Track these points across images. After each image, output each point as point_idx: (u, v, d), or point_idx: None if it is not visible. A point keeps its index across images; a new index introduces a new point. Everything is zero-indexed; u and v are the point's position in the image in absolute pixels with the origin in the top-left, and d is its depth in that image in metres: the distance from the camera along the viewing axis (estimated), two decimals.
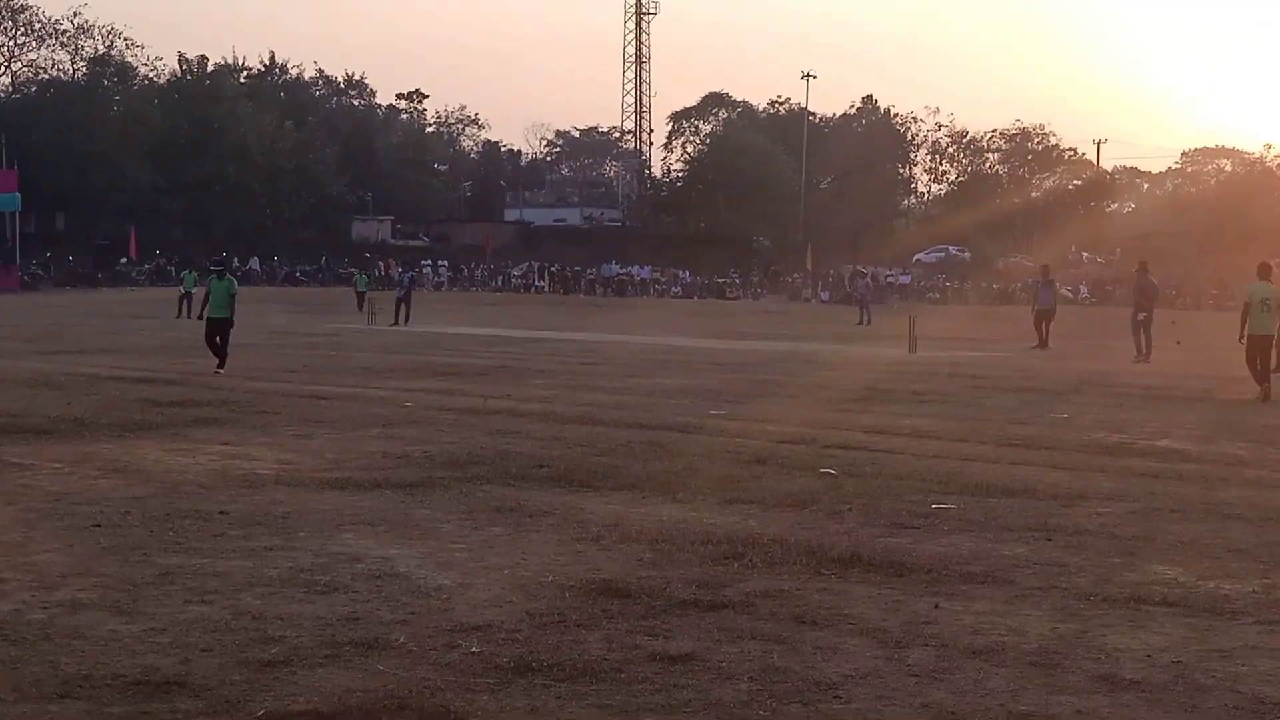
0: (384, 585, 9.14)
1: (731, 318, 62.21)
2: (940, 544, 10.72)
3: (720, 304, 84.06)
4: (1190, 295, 79.11)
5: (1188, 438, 17.97)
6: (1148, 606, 8.83)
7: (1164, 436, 18.04)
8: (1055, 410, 21.26)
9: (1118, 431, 18.49)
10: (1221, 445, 17.28)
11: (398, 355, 32.34)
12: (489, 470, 14.15)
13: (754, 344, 40.68)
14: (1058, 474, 14.51)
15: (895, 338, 38.37)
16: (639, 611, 8.52)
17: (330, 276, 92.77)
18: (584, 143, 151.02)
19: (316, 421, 18.34)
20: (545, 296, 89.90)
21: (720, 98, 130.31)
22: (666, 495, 12.78)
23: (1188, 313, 64.73)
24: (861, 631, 8.16)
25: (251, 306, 59.03)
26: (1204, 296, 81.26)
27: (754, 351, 36.82)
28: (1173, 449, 16.84)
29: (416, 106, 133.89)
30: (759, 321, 58.37)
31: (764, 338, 44.57)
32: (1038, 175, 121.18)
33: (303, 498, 12.45)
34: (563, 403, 21.37)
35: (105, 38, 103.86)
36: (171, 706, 6.69)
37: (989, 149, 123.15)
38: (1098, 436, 17.97)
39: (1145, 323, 33.41)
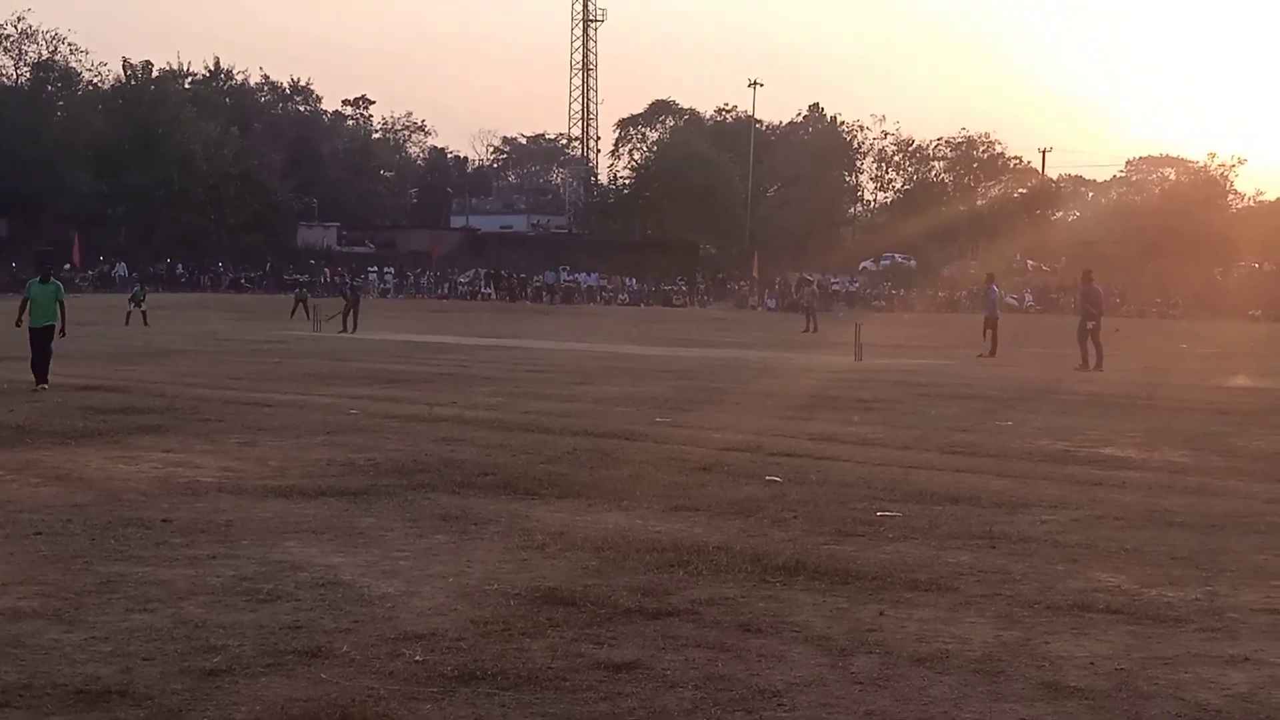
0: (327, 594, 9.11)
1: (678, 325, 62.30)
2: (885, 551, 10.74)
3: (667, 311, 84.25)
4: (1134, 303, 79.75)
5: (1131, 445, 18.07)
6: (1091, 614, 8.87)
7: (1107, 444, 18.13)
8: (999, 418, 21.35)
9: (1061, 439, 18.58)
10: (1164, 453, 17.38)
11: (343, 362, 32.27)
12: (434, 478, 14.12)
13: (700, 351, 40.74)
14: (1002, 481, 14.56)
15: (841, 345, 38.48)
16: (584, 619, 8.51)
17: (275, 283, 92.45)
18: (531, 150, 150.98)
19: (260, 429, 18.27)
20: (491, 304, 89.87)
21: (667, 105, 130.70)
22: (612, 503, 12.77)
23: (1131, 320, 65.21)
24: (806, 639, 8.17)
25: (195, 313, 59.00)
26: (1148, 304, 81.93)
27: (700, 359, 36.87)
28: (1116, 456, 16.92)
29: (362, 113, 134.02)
30: (705, 329, 58.47)
31: (710, 345, 44.64)
32: (983, 183, 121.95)
33: (246, 506, 12.39)
34: (509, 410, 21.36)
35: (49, 43, 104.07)
36: (112, 716, 6.65)
37: (934, 157, 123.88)
38: (1041, 444, 18.06)
39: (1094, 332, 33.54)
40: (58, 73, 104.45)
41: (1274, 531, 11.85)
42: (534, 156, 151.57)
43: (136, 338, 42.21)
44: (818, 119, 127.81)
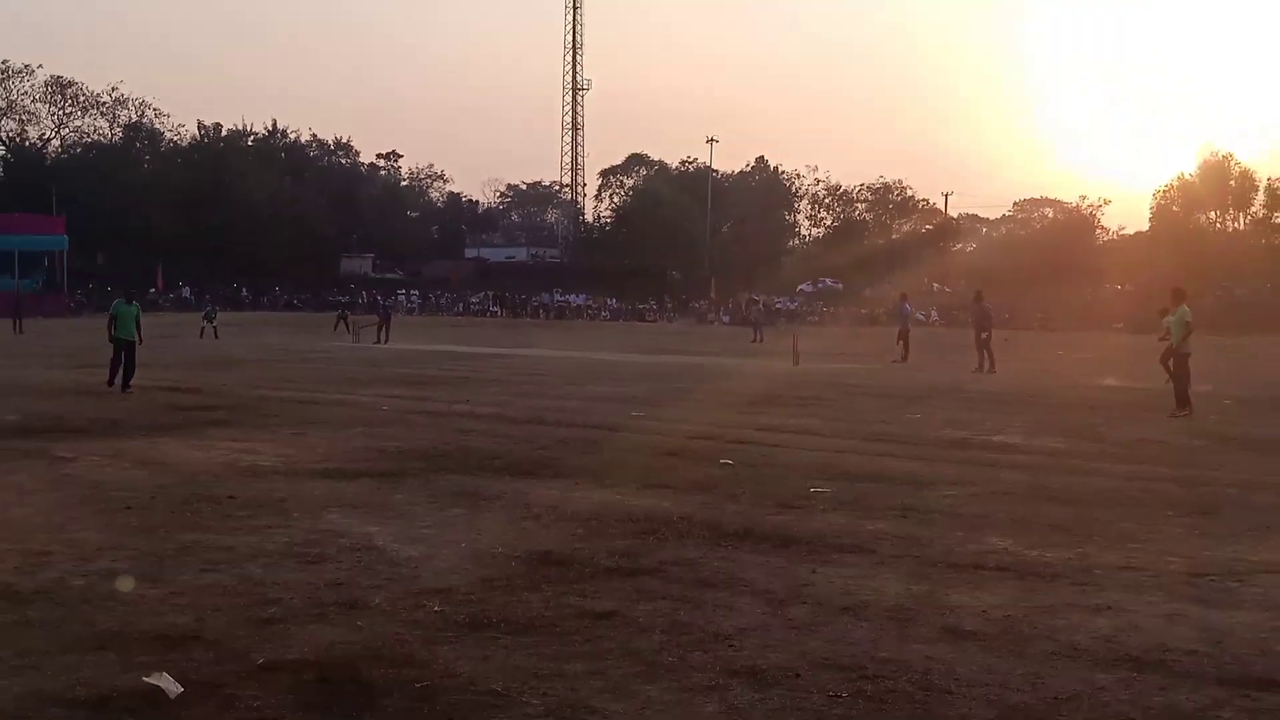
0: (363, 557, 9.09)
1: (650, 337, 62.21)
2: (817, 521, 10.75)
3: (640, 325, 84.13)
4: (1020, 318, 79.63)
5: (1018, 434, 18.10)
6: (984, 571, 8.89)
7: (999, 433, 18.16)
8: (911, 412, 21.37)
9: (962, 429, 18.61)
10: (1045, 440, 17.41)
11: (378, 368, 32.18)
12: (452, 462, 14.11)
13: (668, 358, 40.70)
14: (913, 464, 14.59)
15: (782, 353, 38.46)
16: (572, 577, 8.51)
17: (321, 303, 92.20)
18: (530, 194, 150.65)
19: (309, 422, 18.23)
20: (498, 320, 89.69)
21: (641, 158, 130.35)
22: (596, 482, 12.77)
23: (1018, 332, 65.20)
24: (752, 592, 8.17)
25: (256, 328, 58.82)
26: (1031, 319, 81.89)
27: (668, 364, 36.83)
28: (1006, 443, 16.96)
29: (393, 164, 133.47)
30: (672, 340, 58.39)
31: (676, 353, 44.59)
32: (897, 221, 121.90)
33: (297, 485, 12.37)
34: (513, 407, 21.33)
35: (138, 108, 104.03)
36: (188, 656, 6.64)
37: (858, 199, 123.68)
38: (945, 433, 18.08)
39: (986, 341, 33.58)
40: (144, 133, 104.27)
41: (1134, 504, 11.89)
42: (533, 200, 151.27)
43: (209, 349, 42.04)
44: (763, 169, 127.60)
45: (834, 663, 6.66)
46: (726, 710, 5.93)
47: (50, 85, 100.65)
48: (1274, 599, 8.22)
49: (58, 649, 6.80)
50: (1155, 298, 50.89)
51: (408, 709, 5.91)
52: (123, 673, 6.39)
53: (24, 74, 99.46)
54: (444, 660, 6.62)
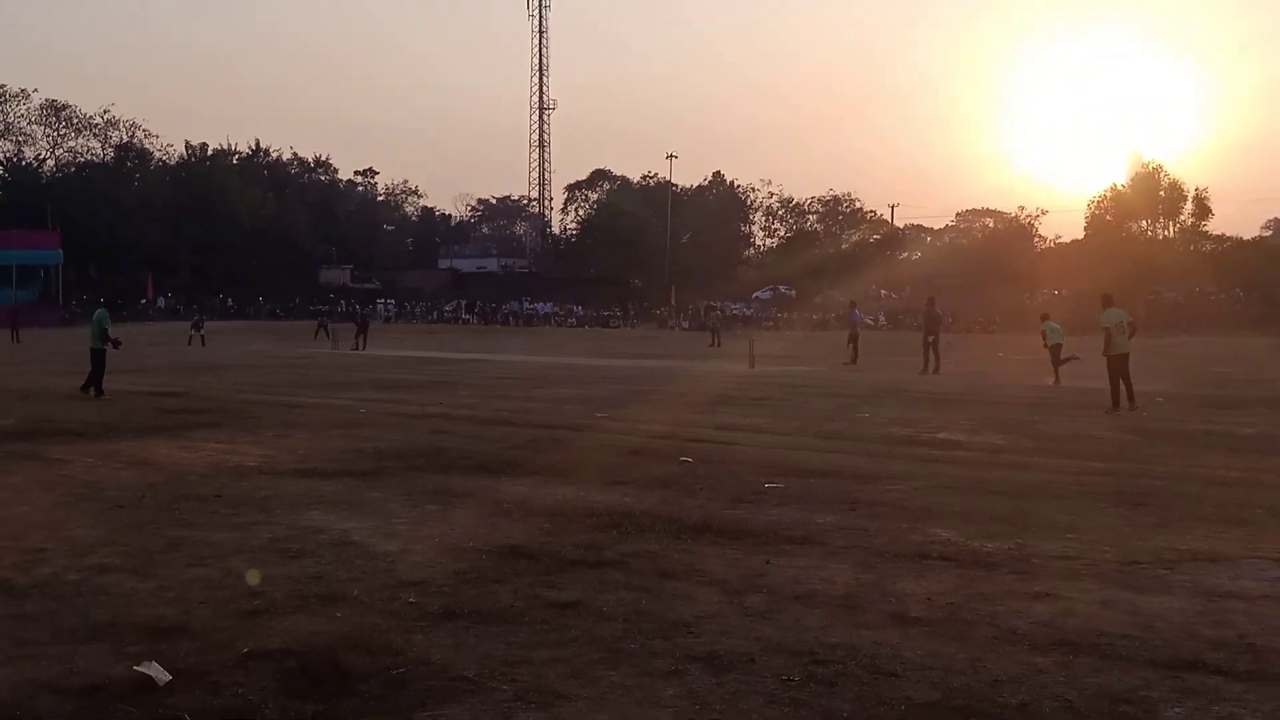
0: (342, 551, 9.06)
1: (613, 342, 62.24)
2: (771, 514, 10.76)
3: (605, 331, 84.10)
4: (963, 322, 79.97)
5: (961, 431, 18.16)
6: (929, 560, 8.92)
7: (943, 430, 18.22)
8: (860, 411, 21.43)
9: (907, 427, 18.67)
10: (986, 437, 17.48)
11: (355, 373, 32.09)
12: (425, 461, 14.07)
13: (631, 362, 40.72)
14: (861, 460, 14.62)
15: (739, 356, 38.54)
16: (540, 569, 8.50)
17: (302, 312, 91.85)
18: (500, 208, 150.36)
19: (291, 424, 18.15)
20: (470, 327, 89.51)
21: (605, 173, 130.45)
22: (562, 479, 12.76)
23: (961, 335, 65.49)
24: (710, 582, 8.18)
25: (240, 336, 58.53)
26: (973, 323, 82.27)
27: (631, 368, 36.86)
28: (949, 440, 17.01)
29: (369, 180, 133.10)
30: (634, 345, 58.43)
31: (638, 357, 44.62)
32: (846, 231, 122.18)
33: (279, 484, 12.31)
34: (483, 409, 21.29)
35: (128, 129, 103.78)
36: (175, 647, 6.60)
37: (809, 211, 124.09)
38: (892, 431, 18.14)
39: (934, 344, 33.72)
40: (135, 152, 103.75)
41: (1070, 497, 11.94)
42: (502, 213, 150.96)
43: (196, 356, 41.82)
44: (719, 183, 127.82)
45: (787, 648, 6.67)
46: (685, 694, 5.93)
47: (45, 108, 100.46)
48: (1201, 585, 8.27)
49: (52, 640, 6.76)
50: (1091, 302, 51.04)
51: (384, 694, 5.90)
52: (114, 662, 6.35)
53: (20, 97, 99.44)
54: (418, 648, 6.60)
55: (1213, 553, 9.32)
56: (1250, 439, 17.58)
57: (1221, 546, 9.55)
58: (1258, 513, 11.10)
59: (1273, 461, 14.97)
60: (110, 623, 7.11)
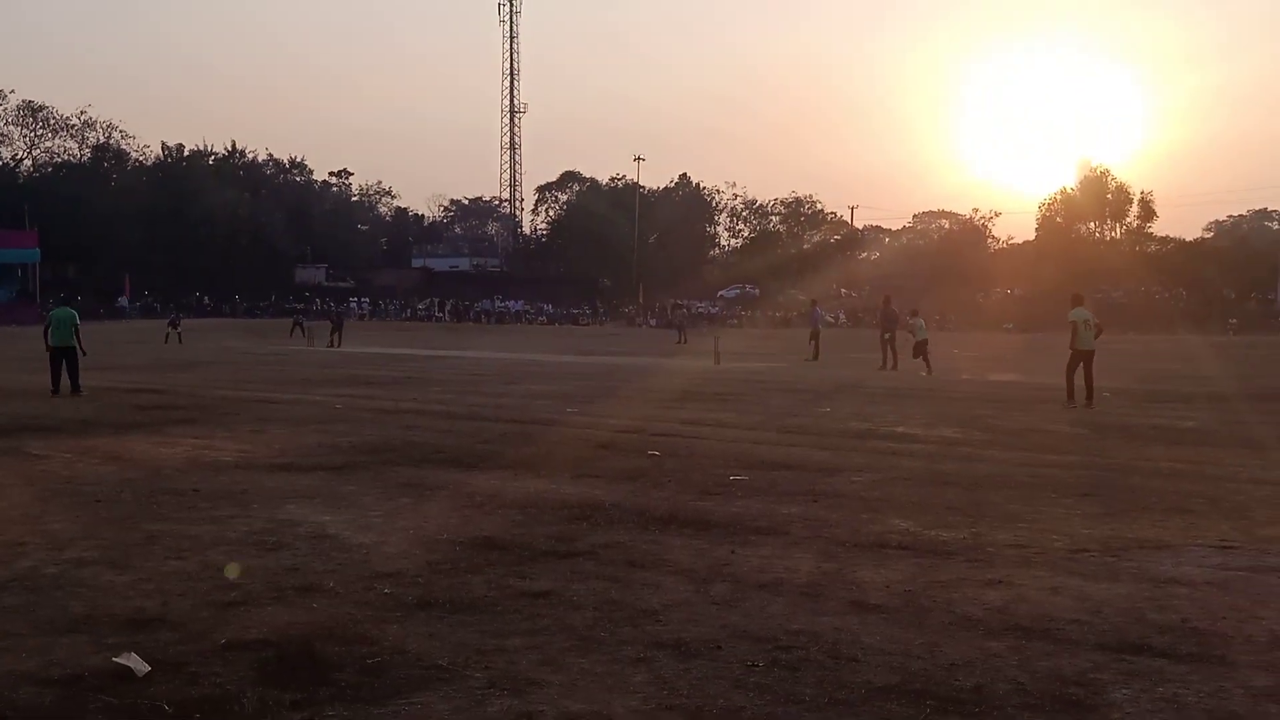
0: (318, 544, 9.03)
1: (583, 339, 62.20)
2: (736, 506, 10.79)
3: (574, 329, 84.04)
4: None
5: (917, 425, 18.24)
6: (887, 550, 8.95)
7: (900, 424, 18.29)
8: (821, 406, 21.49)
9: (866, 421, 18.73)
10: (941, 430, 17.56)
11: (330, 370, 31.97)
12: (399, 455, 14.04)
13: (599, 359, 40.71)
14: (822, 453, 14.67)
15: (704, 353, 38.58)
16: (511, 560, 8.49)
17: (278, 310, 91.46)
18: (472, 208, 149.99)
19: (267, 420, 18.07)
20: (443, 325, 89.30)
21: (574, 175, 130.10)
22: (533, 472, 12.75)
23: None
24: (676, 572, 8.19)
25: (217, 334, 58.21)
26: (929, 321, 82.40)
27: (600, 364, 36.85)
28: (906, 433, 17.08)
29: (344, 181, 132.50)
30: (603, 342, 58.41)
31: (607, 354, 44.61)
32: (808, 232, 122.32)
33: (256, 478, 12.26)
34: (456, 404, 21.26)
35: (105, 130, 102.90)
36: (154, 638, 6.57)
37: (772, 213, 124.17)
38: (851, 425, 18.19)
39: (891, 341, 33.83)
40: (112, 153, 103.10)
41: (1022, 488, 12.01)
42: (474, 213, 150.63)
43: (173, 353, 41.58)
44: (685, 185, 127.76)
45: (751, 634, 6.69)
46: (654, 680, 5.95)
47: (22, 109, 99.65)
48: (1147, 572, 8.34)
49: (32, 632, 6.72)
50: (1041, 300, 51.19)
51: (360, 683, 5.89)
52: (93, 653, 6.32)
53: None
54: (393, 638, 6.59)
55: (1157, 541, 9.39)
56: (1192, 432, 17.73)
57: (1165, 535, 9.63)
58: (1199, 502, 11.20)
59: (1213, 453, 15.10)
60: (89, 615, 7.06)
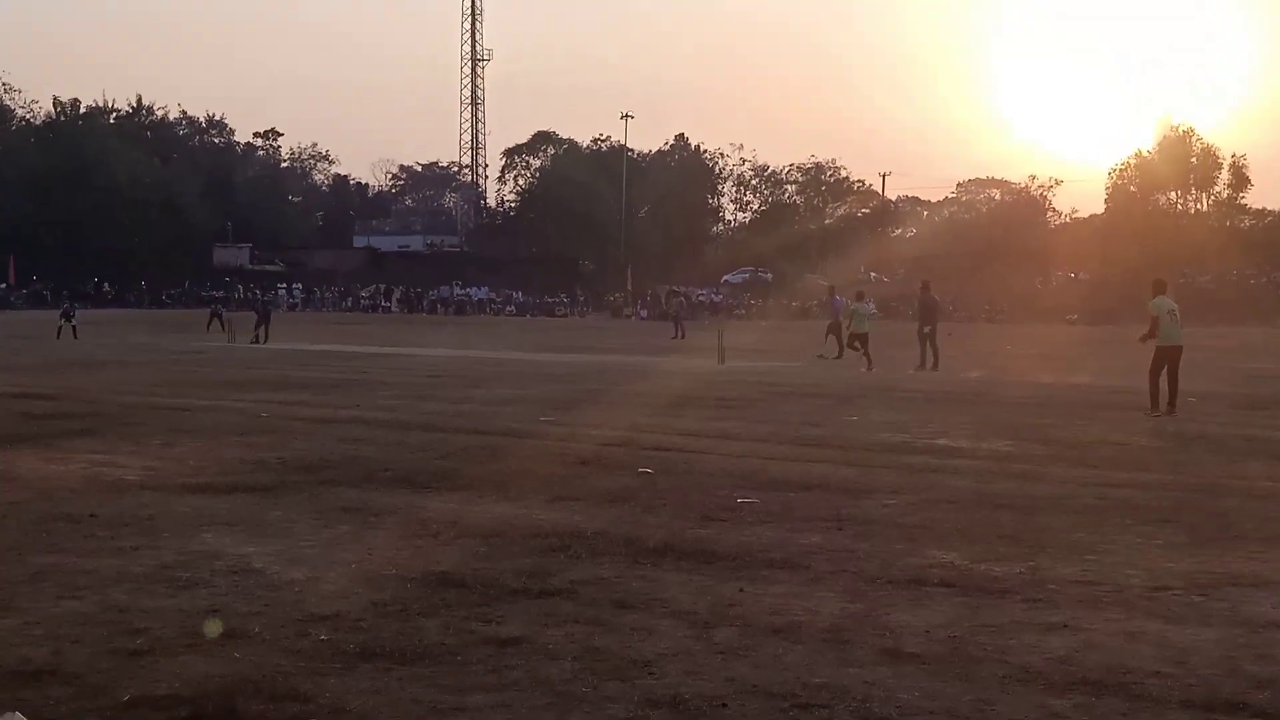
0: (241, 580, 9.00)
1: (560, 333, 62.21)
2: (744, 534, 10.77)
3: (550, 321, 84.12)
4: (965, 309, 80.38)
5: (962, 436, 18.24)
6: (927, 587, 8.94)
7: (942, 435, 18.29)
8: (846, 413, 21.48)
9: (901, 432, 18.72)
10: (991, 442, 17.56)
11: (256, 370, 31.92)
12: (338, 474, 14.01)
13: (580, 357, 40.70)
14: (848, 470, 14.66)
15: (706, 350, 38.57)
16: (474, 600, 8.47)
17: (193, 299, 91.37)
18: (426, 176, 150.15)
19: (180, 431, 18.03)
20: (391, 316, 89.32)
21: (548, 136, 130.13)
22: (500, 494, 12.73)
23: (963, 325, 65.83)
24: (674, 614, 8.17)
25: (120, 327, 58.13)
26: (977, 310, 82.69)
27: (580, 364, 36.83)
28: (949, 446, 17.08)
29: (272, 144, 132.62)
30: (584, 336, 58.43)
31: (589, 351, 44.61)
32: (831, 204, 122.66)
33: (166, 501, 12.22)
34: (407, 411, 21.23)
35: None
36: (44, 694, 6.53)
37: (787, 181, 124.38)
38: (883, 436, 18.18)
39: (931, 335, 33.86)
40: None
41: (1088, 512, 12.01)
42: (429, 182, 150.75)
43: (67, 350, 41.52)
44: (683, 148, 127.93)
45: (764, 690, 6.67)
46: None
47: None
48: (1242, 614, 8.33)
49: None
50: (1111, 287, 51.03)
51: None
52: None
53: None
54: (331, 694, 6.56)
55: (1254, 577, 9.39)
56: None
57: (1264, 569, 9.62)
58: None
59: None
60: None
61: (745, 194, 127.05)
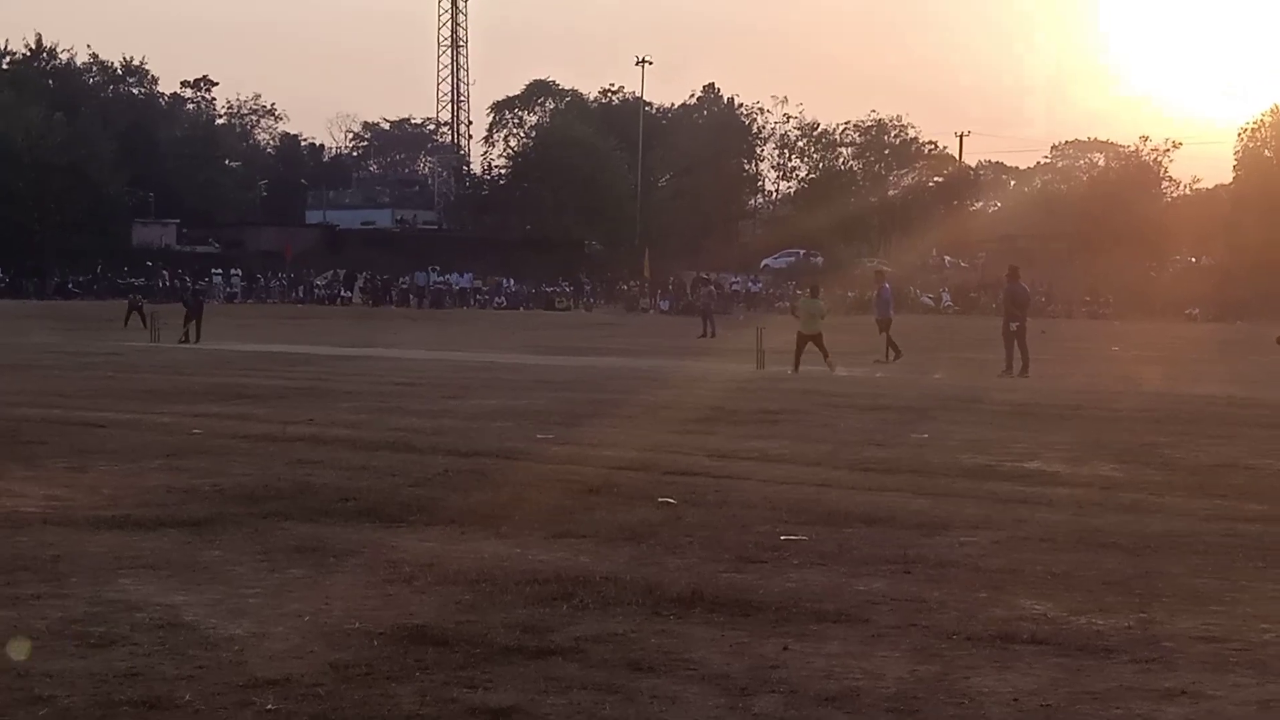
0: (168, 636, 9.02)
1: (561, 331, 62.28)
2: (790, 579, 10.78)
3: (549, 315, 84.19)
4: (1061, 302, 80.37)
5: (1058, 459, 18.22)
6: (1015, 645, 8.94)
7: (1033, 458, 18.28)
8: (916, 430, 21.47)
9: (983, 453, 18.72)
10: (1095, 467, 17.54)
11: (186, 376, 31.99)
12: (288, 505, 14.02)
13: (586, 360, 40.75)
14: (918, 500, 14.65)
15: (742, 351, 38.60)
16: (456, 660, 8.49)
17: (107, 288, 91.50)
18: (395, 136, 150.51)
19: (91, 452, 18.05)
20: (353, 309, 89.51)
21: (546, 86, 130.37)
22: (489, 530, 12.75)
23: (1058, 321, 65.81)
24: (703, 678, 8.18)
25: (15, 323, 58.26)
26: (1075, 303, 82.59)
27: (587, 368, 36.87)
28: (1042, 471, 17.07)
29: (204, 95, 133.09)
30: (592, 335, 58.52)
31: (597, 353, 44.68)
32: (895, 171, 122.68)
33: (74, 539, 12.24)
34: (372, 428, 21.27)
35: None
36: None
37: (842, 142, 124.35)
38: (961, 459, 18.18)
39: (1019, 333, 33.79)
40: None
41: (1213, 552, 11.99)
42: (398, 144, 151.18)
43: None
44: (713, 101, 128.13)
45: None
46: None
47: None
48: None
49: None
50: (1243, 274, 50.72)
51: None
52: None
53: None
54: None
55: None
56: None
57: None
58: None
59: None
60: None
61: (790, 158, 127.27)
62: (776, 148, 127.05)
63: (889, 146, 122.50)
